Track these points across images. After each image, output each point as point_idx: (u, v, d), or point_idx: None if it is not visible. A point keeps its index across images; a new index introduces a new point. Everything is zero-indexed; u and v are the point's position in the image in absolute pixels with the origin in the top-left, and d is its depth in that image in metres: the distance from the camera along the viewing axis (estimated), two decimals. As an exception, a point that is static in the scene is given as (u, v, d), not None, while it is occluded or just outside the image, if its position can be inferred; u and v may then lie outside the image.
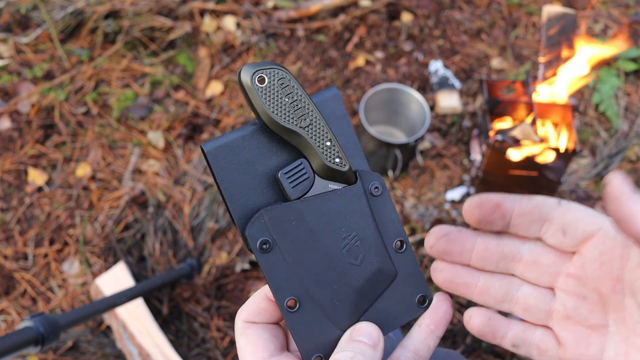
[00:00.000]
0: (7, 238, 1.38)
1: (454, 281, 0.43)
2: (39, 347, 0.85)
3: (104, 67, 1.65)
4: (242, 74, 0.40)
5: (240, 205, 0.41)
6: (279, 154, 0.42)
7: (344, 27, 1.76)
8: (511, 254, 0.43)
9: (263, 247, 0.40)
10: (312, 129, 0.42)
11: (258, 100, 0.40)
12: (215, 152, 0.40)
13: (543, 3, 1.83)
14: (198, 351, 1.24)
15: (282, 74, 0.40)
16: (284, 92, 0.41)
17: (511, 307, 0.43)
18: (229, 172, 0.41)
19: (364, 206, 0.44)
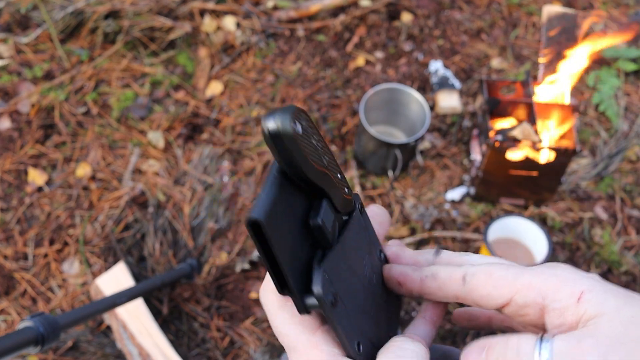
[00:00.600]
0: (7, 238, 1.38)
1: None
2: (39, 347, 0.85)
3: (104, 67, 1.65)
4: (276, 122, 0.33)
5: (294, 271, 0.36)
6: (300, 200, 0.38)
7: (344, 27, 1.76)
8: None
9: (333, 301, 0.37)
10: (330, 165, 0.38)
11: (298, 148, 0.34)
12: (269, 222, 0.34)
13: (543, 3, 1.83)
14: (198, 351, 1.24)
15: (306, 114, 0.36)
16: (313, 133, 0.36)
17: None
18: (279, 238, 0.35)
19: (363, 227, 0.43)
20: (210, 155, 1.50)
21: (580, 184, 1.47)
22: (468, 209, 1.43)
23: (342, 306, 0.39)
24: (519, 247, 1.28)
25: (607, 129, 1.58)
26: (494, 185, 1.39)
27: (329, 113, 1.58)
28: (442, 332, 1.26)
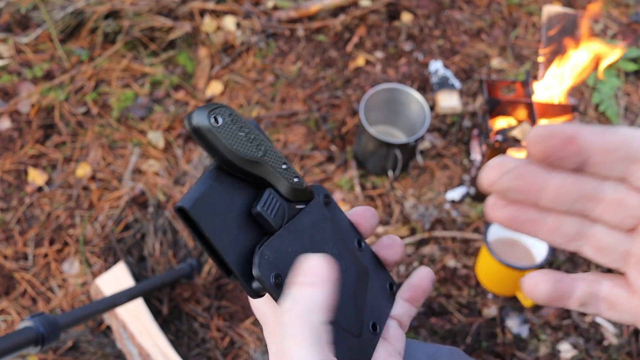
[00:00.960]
0: (7, 238, 1.38)
1: (520, 218, 0.37)
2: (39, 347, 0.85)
3: (104, 67, 1.65)
4: (196, 119, 0.38)
5: (233, 254, 0.40)
6: (244, 192, 0.42)
7: (344, 27, 1.76)
8: (592, 194, 0.35)
9: (277, 282, 0.40)
10: (269, 156, 0.42)
11: (219, 139, 0.39)
12: (196, 208, 0.39)
13: (543, 3, 1.83)
14: (198, 351, 1.24)
15: (229, 110, 0.40)
16: (237, 127, 0.40)
17: (581, 245, 0.37)
18: (212, 225, 0.39)
19: (327, 217, 0.45)
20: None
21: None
22: (468, 209, 1.43)
23: None
24: (519, 247, 1.28)
25: (607, 129, 1.58)
26: (494, 185, 1.39)
27: (329, 113, 1.58)
28: (442, 332, 1.26)
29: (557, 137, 0.33)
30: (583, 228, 0.37)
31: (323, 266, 0.38)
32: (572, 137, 0.33)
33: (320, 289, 0.37)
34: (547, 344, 1.24)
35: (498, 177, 0.35)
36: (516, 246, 1.28)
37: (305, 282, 0.38)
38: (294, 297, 0.37)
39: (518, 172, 0.35)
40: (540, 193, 0.36)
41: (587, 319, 1.27)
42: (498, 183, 0.35)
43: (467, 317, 1.28)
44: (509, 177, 0.35)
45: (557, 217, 0.37)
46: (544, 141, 0.33)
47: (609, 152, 0.33)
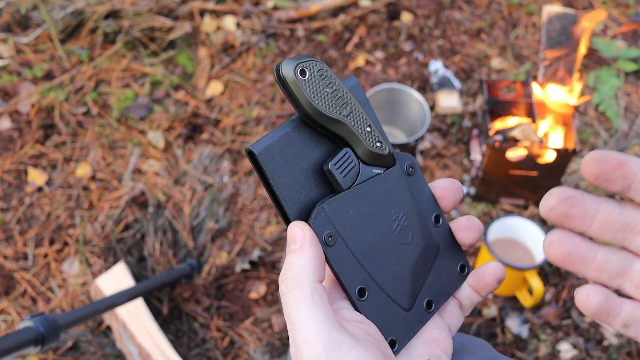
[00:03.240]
0: (7, 238, 1.38)
1: (572, 256, 0.40)
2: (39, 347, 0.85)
3: (104, 67, 1.65)
4: (283, 69, 0.39)
5: (294, 204, 0.41)
6: (321, 147, 0.42)
7: (344, 27, 1.76)
8: (633, 224, 0.39)
9: (328, 241, 0.41)
10: (353, 116, 0.42)
11: (303, 93, 0.40)
12: (265, 154, 0.40)
13: (543, 3, 1.83)
14: (198, 351, 1.24)
15: (319, 65, 0.41)
16: (324, 82, 0.41)
17: (623, 282, 0.41)
18: (279, 172, 0.40)
19: (405, 186, 0.45)
20: (210, 155, 1.50)
21: (580, 184, 1.47)
22: (468, 209, 1.43)
23: (344, 249, 0.41)
24: (519, 247, 1.28)
25: (607, 129, 1.58)
26: (494, 185, 1.39)
27: (329, 113, 1.58)
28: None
29: (610, 160, 0.38)
30: (626, 265, 0.40)
31: (301, 232, 0.40)
32: (622, 162, 0.38)
33: (302, 254, 0.39)
34: (547, 344, 1.24)
35: (557, 204, 0.39)
36: (516, 246, 1.28)
37: (290, 250, 0.40)
38: (284, 266, 0.40)
39: (574, 200, 0.39)
40: (591, 221, 0.40)
41: (587, 319, 1.27)
42: (557, 209, 0.39)
43: (467, 317, 1.28)
44: (566, 204, 0.39)
45: (604, 253, 0.40)
46: (598, 163, 0.38)
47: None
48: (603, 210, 0.40)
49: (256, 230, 1.39)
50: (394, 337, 0.42)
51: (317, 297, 0.39)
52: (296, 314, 0.38)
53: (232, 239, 1.39)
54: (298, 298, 0.38)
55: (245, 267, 1.33)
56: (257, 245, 1.37)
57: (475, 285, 0.47)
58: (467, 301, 0.47)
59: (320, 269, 0.40)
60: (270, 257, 1.35)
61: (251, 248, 1.37)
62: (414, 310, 0.44)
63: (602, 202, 0.40)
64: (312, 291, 0.39)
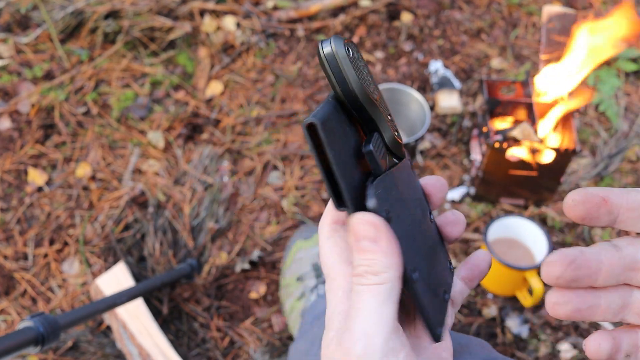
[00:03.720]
0: (7, 238, 1.38)
1: (582, 309, 0.40)
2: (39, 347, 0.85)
3: (104, 67, 1.65)
4: (334, 46, 0.37)
5: (348, 181, 0.38)
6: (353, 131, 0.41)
7: (344, 27, 1.76)
8: (632, 264, 0.40)
9: (388, 217, 0.39)
10: (381, 102, 0.41)
11: (352, 70, 0.38)
12: (324, 125, 0.37)
13: (543, 3, 1.83)
14: (198, 351, 1.24)
15: (355, 46, 0.39)
16: (363, 63, 0.40)
17: (625, 315, 0.41)
18: (335, 146, 0.38)
19: (415, 180, 0.45)
20: (210, 155, 1.50)
21: (581, 184, 1.47)
22: (468, 209, 1.43)
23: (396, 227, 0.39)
24: (519, 247, 1.28)
25: (607, 129, 1.58)
26: (494, 185, 1.39)
27: (329, 113, 1.58)
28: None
29: (593, 199, 0.38)
30: (627, 299, 0.41)
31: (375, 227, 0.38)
32: (604, 199, 0.38)
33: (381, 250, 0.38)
34: (547, 344, 1.24)
35: (563, 271, 0.39)
36: (516, 246, 1.28)
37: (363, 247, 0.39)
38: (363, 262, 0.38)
39: (578, 262, 0.39)
40: (597, 276, 0.39)
41: (587, 319, 1.28)
42: (563, 277, 0.39)
43: (466, 317, 1.28)
44: (571, 269, 0.39)
45: (607, 295, 0.41)
46: (582, 204, 0.38)
47: (635, 210, 0.38)
48: (605, 262, 0.39)
49: (256, 230, 1.39)
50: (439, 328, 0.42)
51: (395, 295, 0.38)
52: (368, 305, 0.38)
53: (232, 239, 1.39)
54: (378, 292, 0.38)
55: (245, 267, 1.33)
56: (257, 245, 1.37)
57: (469, 275, 0.47)
58: (458, 295, 0.47)
59: (401, 264, 0.39)
60: (270, 257, 1.35)
61: (251, 248, 1.37)
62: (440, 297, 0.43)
63: (601, 252, 0.40)
64: (392, 288, 0.38)
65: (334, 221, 0.42)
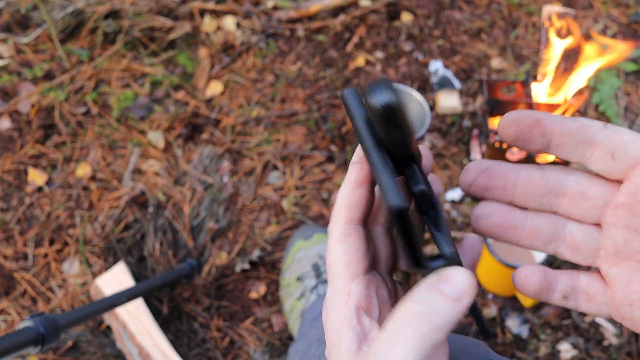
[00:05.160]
0: (7, 238, 1.38)
1: (503, 225, 0.40)
2: (39, 347, 0.85)
3: (104, 67, 1.65)
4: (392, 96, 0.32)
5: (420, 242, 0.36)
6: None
7: (344, 27, 1.76)
8: (556, 188, 0.39)
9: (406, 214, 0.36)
10: None
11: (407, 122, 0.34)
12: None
13: (543, 3, 1.83)
14: (198, 351, 1.24)
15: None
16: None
17: (558, 247, 0.40)
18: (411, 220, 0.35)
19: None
20: (210, 155, 1.50)
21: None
22: (468, 209, 1.43)
23: None
24: (519, 247, 1.28)
25: (607, 129, 1.58)
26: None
27: (328, 113, 1.58)
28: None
29: (526, 120, 0.37)
30: (558, 229, 0.40)
31: (468, 283, 0.34)
32: (538, 120, 0.37)
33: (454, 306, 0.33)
34: (547, 344, 1.24)
35: (475, 178, 0.39)
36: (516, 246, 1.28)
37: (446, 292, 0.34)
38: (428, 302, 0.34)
39: (492, 171, 0.39)
40: (513, 190, 0.39)
41: (587, 319, 1.27)
42: (475, 183, 0.39)
43: (467, 317, 1.28)
44: (483, 176, 0.39)
45: (534, 219, 0.40)
46: (515, 124, 0.38)
47: (568, 136, 0.37)
48: (522, 176, 0.39)
49: (256, 230, 1.39)
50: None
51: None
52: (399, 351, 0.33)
53: (232, 239, 1.39)
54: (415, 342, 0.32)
55: (245, 267, 1.33)
56: (257, 245, 1.37)
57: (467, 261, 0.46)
58: None
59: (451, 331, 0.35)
60: (270, 257, 1.35)
61: (251, 248, 1.37)
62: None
63: (520, 169, 0.39)
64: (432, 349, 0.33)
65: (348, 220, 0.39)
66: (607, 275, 0.39)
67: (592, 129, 0.37)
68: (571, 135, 0.37)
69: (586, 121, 0.37)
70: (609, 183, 0.38)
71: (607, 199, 0.38)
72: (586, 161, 0.38)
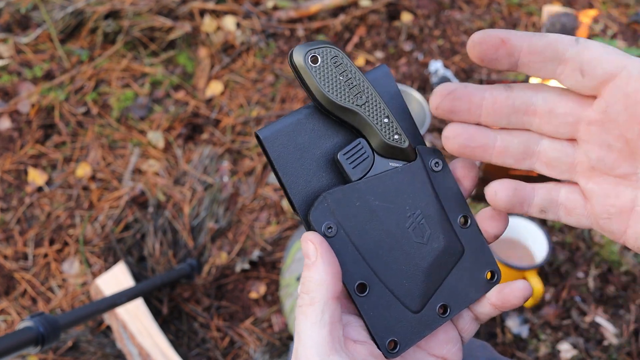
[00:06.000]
0: (7, 238, 1.38)
1: (470, 145, 0.40)
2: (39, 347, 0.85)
3: (104, 67, 1.65)
4: (294, 55, 0.39)
5: (300, 191, 0.40)
6: (335, 135, 0.41)
7: (344, 27, 1.76)
8: (524, 106, 0.39)
9: (328, 232, 0.40)
10: (369, 107, 0.41)
11: (313, 80, 0.39)
12: (272, 139, 0.39)
13: (543, 3, 1.83)
14: (198, 351, 1.24)
15: (334, 52, 0.39)
16: (338, 70, 0.39)
17: (532, 163, 0.40)
18: (286, 158, 0.39)
19: (426, 183, 0.43)
20: (210, 155, 1.50)
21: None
22: (468, 209, 1.43)
23: (346, 242, 0.40)
24: (519, 247, 1.28)
25: (607, 129, 1.58)
26: (494, 185, 1.39)
27: (329, 113, 1.59)
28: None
29: (491, 39, 0.37)
30: (530, 145, 0.40)
31: (313, 246, 0.39)
32: (504, 40, 0.37)
33: (316, 269, 0.38)
34: (547, 344, 1.24)
35: (441, 100, 0.40)
36: (516, 246, 1.28)
37: (305, 264, 0.39)
38: (301, 279, 0.39)
39: (457, 93, 0.39)
40: (479, 110, 0.39)
41: (587, 319, 1.27)
42: (440, 106, 0.40)
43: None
44: (449, 98, 0.39)
45: (504, 137, 0.40)
46: (479, 44, 0.37)
47: (537, 54, 0.37)
48: (488, 97, 0.39)
49: (256, 230, 1.40)
50: (395, 338, 0.41)
51: (327, 316, 0.37)
52: (303, 328, 0.37)
53: (232, 239, 1.39)
54: (308, 313, 0.37)
55: (245, 267, 1.33)
56: (257, 245, 1.37)
57: (498, 303, 0.43)
58: (483, 316, 0.45)
59: (335, 283, 0.38)
60: (270, 257, 1.35)
61: (251, 248, 1.37)
62: (424, 313, 0.42)
63: (486, 90, 0.39)
64: (323, 309, 0.37)
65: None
66: (585, 190, 0.39)
67: (561, 44, 0.36)
68: (539, 52, 0.37)
69: (555, 37, 0.37)
70: (580, 99, 0.37)
71: (578, 115, 0.38)
72: (557, 77, 0.37)
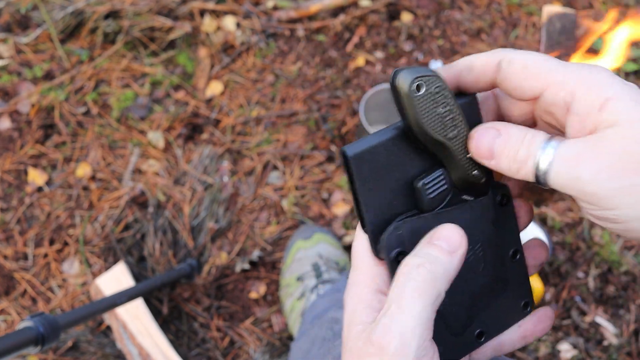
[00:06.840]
0: (7, 238, 1.38)
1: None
2: (39, 347, 0.85)
3: (104, 67, 1.65)
4: (399, 80, 0.38)
5: (374, 211, 0.40)
6: (417, 161, 0.41)
7: (344, 27, 1.76)
8: None
9: (397, 259, 0.39)
10: (458, 140, 0.40)
11: (413, 108, 0.38)
12: (357, 157, 0.39)
13: (543, 3, 1.83)
14: (198, 351, 1.24)
15: (438, 82, 0.38)
16: (439, 102, 0.39)
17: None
18: (366, 177, 0.39)
19: (491, 217, 0.43)
20: (210, 155, 1.50)
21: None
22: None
23: None
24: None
25: (607, 129, 1.58)
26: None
27: (328, 113, 1.58)
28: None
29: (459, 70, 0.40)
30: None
31: (459, 238, 0.38)
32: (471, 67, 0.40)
33: (451, 258, 0.37)
34: (547, 344, 1.24)
35: None
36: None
37: (440, 245, 0.38)
38: (427, 255, 0.37)
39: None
40: None
41: (587, 318, 1.27)
42: None
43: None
44: None
45: None
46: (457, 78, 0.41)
47: None
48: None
49: (256, 230, 1.39)
50: None
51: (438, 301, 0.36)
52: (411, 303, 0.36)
53: (232, 239, 1.39)
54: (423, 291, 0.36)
55: (245, 267, 1.33)
56: (257, 245, 1.37)
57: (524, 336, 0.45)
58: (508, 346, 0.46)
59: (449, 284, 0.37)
60: (270, 257, 1.35)
61: (251, 248, 1.37)
62: (464, 337, 0.43)
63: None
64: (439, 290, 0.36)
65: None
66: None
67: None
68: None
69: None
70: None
71: None
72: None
